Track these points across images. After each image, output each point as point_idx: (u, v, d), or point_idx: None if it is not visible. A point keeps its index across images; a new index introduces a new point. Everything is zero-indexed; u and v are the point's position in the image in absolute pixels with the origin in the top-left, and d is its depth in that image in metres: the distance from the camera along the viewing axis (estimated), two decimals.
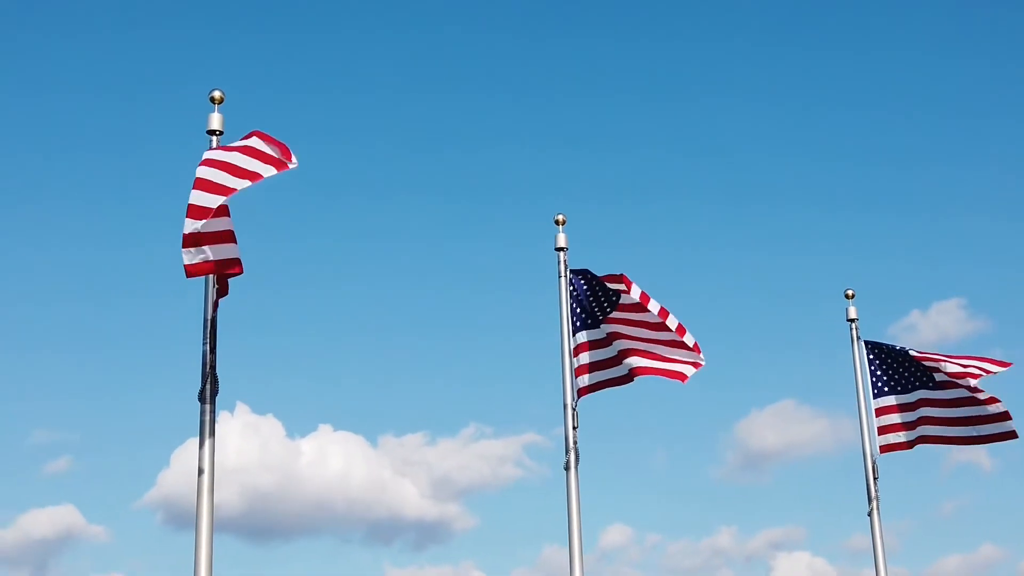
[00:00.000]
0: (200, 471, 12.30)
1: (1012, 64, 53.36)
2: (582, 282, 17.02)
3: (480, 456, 47.61)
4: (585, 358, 16.88)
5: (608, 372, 16.94)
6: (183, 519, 39.80)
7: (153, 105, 50.89)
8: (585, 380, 16.79)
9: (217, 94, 13.67)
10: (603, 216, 47.90)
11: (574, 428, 16.38)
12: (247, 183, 12.13)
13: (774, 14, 54.95)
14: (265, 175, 12.21)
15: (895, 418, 19.83)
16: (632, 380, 16.95)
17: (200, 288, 12.84)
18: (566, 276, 17.16)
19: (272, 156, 12.41)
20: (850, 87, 54.63)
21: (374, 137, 53.23)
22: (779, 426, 49.69)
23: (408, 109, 53.61)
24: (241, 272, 12.46)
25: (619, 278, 16.78)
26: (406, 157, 52.72)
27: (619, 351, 16.88)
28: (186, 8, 52.30)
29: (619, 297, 16.79)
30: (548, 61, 54.71)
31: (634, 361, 16.82)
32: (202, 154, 12.98)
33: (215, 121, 13.54)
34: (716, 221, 52.86)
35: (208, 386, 12.58)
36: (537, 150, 53.48)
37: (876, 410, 20.02)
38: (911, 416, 19.75)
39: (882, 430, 19.92)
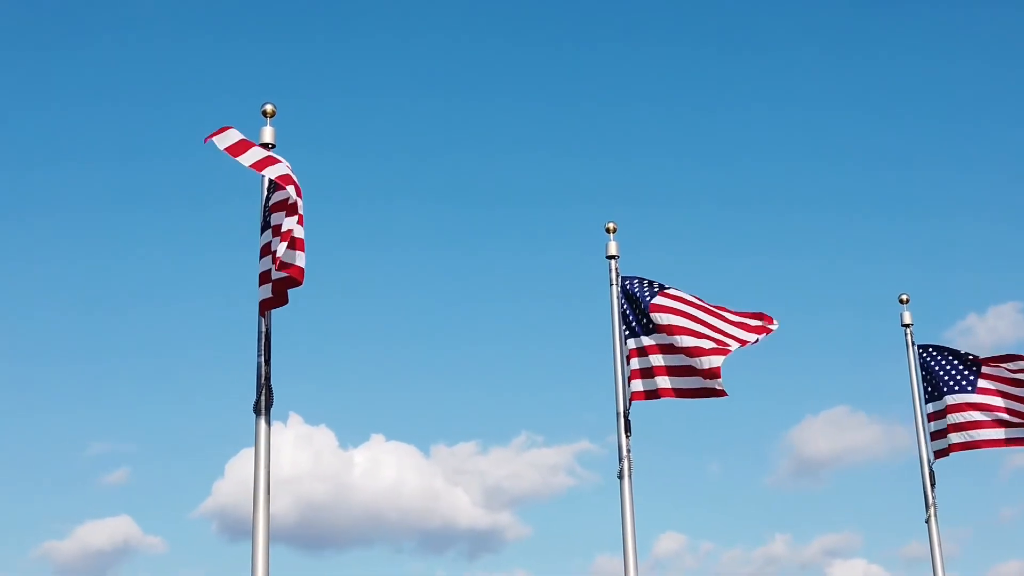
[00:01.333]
0: (256, 482, 12.37)
1: None
2: (633, 289, 16.94)
3: (532, 465, 47.57)
4: (636, 364, 16.76)
5: (656, 382, 16.78)
6: (238, 529, 40.11)
7: (206, 117, 51.32)
8: (639, 386, 16.69)
9: (269, 107, 13.79)
10: (654, 223, 47.76)
11: (627, 436, 16.32)
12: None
13: (823, 20, 54.66)
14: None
15: (944, 423, 19.66)
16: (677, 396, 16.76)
17: (254, 300, 12.94)
18: (617, 283, 17.12)
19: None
20: (904, 94, 54.20)
21: (423, 145, 53.44)
22: (833, 432, 49.29)
23: (458, 117, 53.78)
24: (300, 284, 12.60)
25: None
26: (456, 165, 52.89)
27: (664, 364, 16.69)
28: (239, 21, 52.69)
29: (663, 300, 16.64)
30: (599, 68, 54.70)
31: (672, 382, 16.61)
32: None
33: (267, 135, 13.68)
34: (768, 227, 52.55)
35: (263, 398, 12.65)
36: (588, 157, 53.43)
37: (928, 415, 19.86)
38: (958, 418, 19.57)
39: (935, 435, 19.75)
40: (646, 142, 53.85)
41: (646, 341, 16.71)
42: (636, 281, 16.98)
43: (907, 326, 20.50)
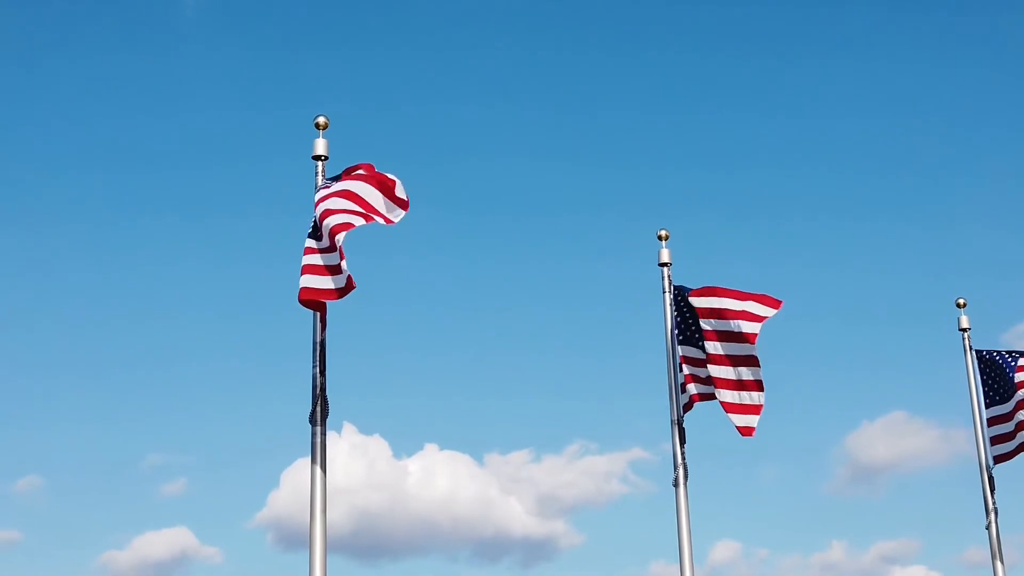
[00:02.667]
0: (313, 492, 12.44)
1: None
2: (684, 295, 16.90)
3: (585, 473, 47.51)
4: (687, 370, 16.69)
5: (705, 389, 16.72)
6: (293, 539, 40.37)
7: (258, 129, 51.72)
8: (692, 392, 16.63)
9: (322, 120, 13.90)
10: (707, 231, 47.56)
11: (681, 444, 16.27)
12: (360, 221, 12.56)
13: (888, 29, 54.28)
14: (376, 218, 12.66)
15: (1004, 428, 19.47)
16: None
17: (309, 311, 12.99)
18: (670, 291, 17.04)
19: (380, 203, 12.73)
20: (955, 103, 53.67)
21: (476, 154, 53.59)
22: (890, 438, 48.85)
23: (510, 126, 53.88)
24: (345, 294, 12.60)
25: (708, 291, 16.58)
26: (510, 174, 52.95)
27: (710, 376, 16.61)
28: (291, 34, 53.10)
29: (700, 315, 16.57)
30: (653, 76, 54.58)
31: (721, 395, 16.54)
32: (308, 178, 13.33)
33: (320, 147, 13.78)
34: (822, 235, 52.21)
35: (319, 408, 12.73)
36: (641, 165, 53.31)
37: (989, 420, 19.66)
38: (1011, 424, 19.38)
39: (996, 440, 19.55)
40: (699, 150, 53.70)
41: (694, 352, 16.66)
42: (684, 287, 16.96)
43: (964, 330, 20.32)
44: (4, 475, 43.98)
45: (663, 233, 17.40)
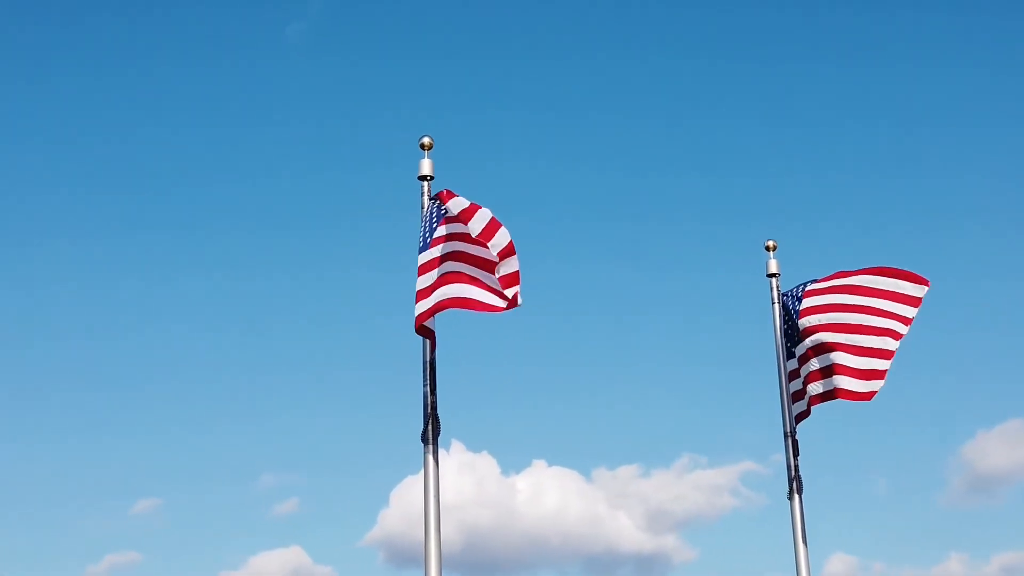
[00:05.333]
0: (426, 511, 12.50)
1: None
2: (789, 303, 16.75)
3: (695, 486, 47.15)
4: (797, 384, 16.53)
5: (819, 388, 16.48)
6: (404, 557, 40.66)
7: (365, 149, 52.29)
8: (802, 405, 16.45)
9: (427, 140, 14.01)
10: (815, 240, 46.87)
11: (795, 456, 16.06)
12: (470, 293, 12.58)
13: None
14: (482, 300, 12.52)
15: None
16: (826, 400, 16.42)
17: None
18: (779, 302, 16.90)
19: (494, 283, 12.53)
20: None
21: (579, 166, 53.52)
22: (1008, 446, 47.71)
23: (615, 136, 53.74)
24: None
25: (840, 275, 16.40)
26: (615, 185, 52.78)
27: (807, 374, 16.41)
28: (392, 52, 53.64)
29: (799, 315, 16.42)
30: (755, 84, 54.16)
31: (812, 388, 16.33)
32: (413, 199, 13.49)
33: (426, 167, 13.90)
34: (935, 240, 51.16)
35: (430, 427, 12.80)
36: (745, 175, 52.82)
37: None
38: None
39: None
40: (806, 157, 53.04)
41: (800, 353, 16.47)
42: (790, 294, 16.81)
43: None
44: (122, 497, 45.00)
45: (771, 244, 17.25)
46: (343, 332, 50.14)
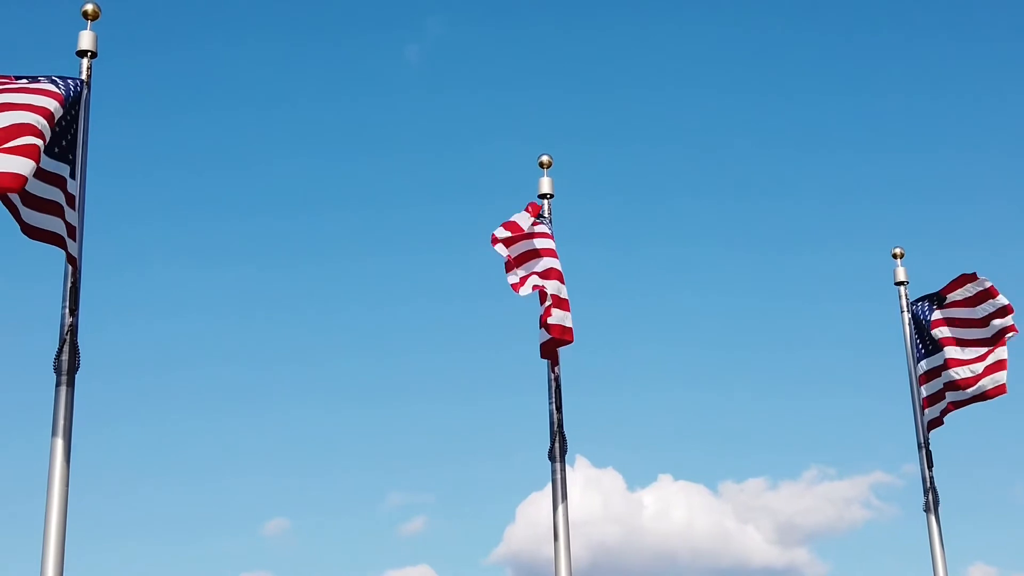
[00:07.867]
0: (556, 527, 12.55)
1: None
2: (919, 311, 16.52)
3: (825, 498, 46.35)
4: (926, 391, 16.28)
5: (941, 404, 16.24)
6: (531, 573, 40.66)
7: (483, 165, 52.71)
8: (934, 412, 16.17)
9: (545, 159, 14.09)
10: (943, 246, 45.90)
11: (929, 467, 15.76)
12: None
13: None
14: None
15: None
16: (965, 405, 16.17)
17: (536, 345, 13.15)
18: (908, 310, 16.65)
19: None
20: None
21: (689, 189, 53.27)
22: None
23: (738, 159, 53.41)
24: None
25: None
26: (739, 205, 52.39)
27: (944, 384, 16.17)
28: (512, 78, 54.03)
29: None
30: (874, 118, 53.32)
31: (949, 396, 16.09)
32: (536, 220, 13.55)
33: (545, 185, 13.98)
34: None
35: (557, 444, 12.85)
36: (872, 181, 51.98)
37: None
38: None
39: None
40: (931, 164, 52.00)
41: (933, 363, 16.24)
42: (921, 301, 16.59)
43: None
44: (253, 518, 45.75)
45: (898, 251, 17.04)
46: (469, 352, 50.52)
